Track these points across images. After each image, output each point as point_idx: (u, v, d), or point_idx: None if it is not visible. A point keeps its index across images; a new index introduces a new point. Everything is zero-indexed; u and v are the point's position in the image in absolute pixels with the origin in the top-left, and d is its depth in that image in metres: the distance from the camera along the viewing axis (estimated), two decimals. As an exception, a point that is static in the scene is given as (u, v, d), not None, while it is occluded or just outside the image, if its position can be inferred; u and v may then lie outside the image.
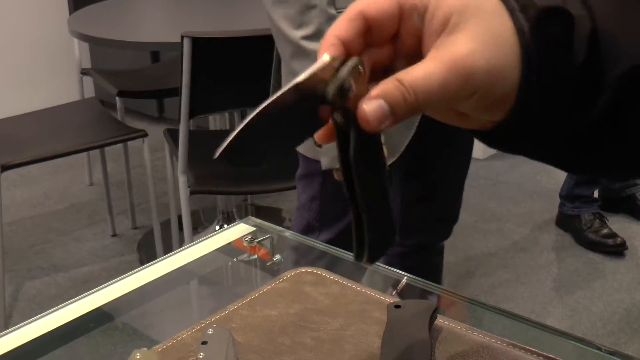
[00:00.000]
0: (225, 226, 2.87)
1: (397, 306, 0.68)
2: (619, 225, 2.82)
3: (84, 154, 3.23)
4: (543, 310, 2.42)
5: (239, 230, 0.91)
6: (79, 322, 0.78)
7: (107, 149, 2.79)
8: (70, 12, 3.07)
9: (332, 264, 0.83)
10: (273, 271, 0.86)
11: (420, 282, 0.82)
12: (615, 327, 2.31)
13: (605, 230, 2.71)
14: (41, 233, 3.04)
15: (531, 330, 0.74)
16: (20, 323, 0.76)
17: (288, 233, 0.91)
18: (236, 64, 2.23)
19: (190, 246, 0.89)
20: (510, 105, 0.50)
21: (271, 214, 3.04)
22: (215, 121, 2.84)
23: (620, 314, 2.37)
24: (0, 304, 2.46)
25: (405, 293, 0.80)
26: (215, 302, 0.92)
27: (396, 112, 0.48)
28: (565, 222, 2.83)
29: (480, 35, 0.48)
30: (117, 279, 0.83)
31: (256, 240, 0.88)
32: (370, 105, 0.48)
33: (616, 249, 2.67)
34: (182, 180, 2.26)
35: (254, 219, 0.92)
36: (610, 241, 2.68)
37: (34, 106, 2.89)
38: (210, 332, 0.67)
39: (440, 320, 0.69)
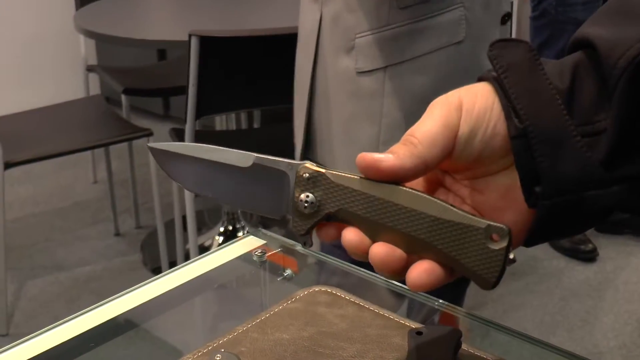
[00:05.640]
0: (230, 228, 2.80)
1: (419, 332, 0.63)
2: (625, 246, 2.77)
3: (89, 152, 3.19)
4: (552, 320, 2.37)
5: (248, 243, 0.87)
6: (80, 339, 0.74)
7: (111, 146, 2.76)
8: (77, 9, 3.04)
9: (348, 282, 0.79)
10: (284, 287, 0.82)
11: (438, 304, 0.77)
12: (627, 339, 2.26)
13: (578, 236, 2.67)
14: (44, 231, 3.00)
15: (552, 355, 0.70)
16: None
17: (299, 247, 0.87)
18: (244, 63, 2.19)
19: (198, 259, 0.85)
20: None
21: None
22: (221, 121, 2.80)
23: (632, 325, 2.32)
24: (2, 302, 2.43)
25: (419, 313, 0.76)
26: (223, 320, 0.88)
27: None
28: None
29: None
30: (121, 294, 0.78)
31: (266, 255, 0.83)
32: None
33: (587, 255, 2.65)
34: (187, 181, 2.22)
35: (264, 231, 0.88)
36: (582, 247, 2.66)
37: (38, 103, 2.86)
38: (218, 358, 0.63)
39: (464, 348, 0.65)
